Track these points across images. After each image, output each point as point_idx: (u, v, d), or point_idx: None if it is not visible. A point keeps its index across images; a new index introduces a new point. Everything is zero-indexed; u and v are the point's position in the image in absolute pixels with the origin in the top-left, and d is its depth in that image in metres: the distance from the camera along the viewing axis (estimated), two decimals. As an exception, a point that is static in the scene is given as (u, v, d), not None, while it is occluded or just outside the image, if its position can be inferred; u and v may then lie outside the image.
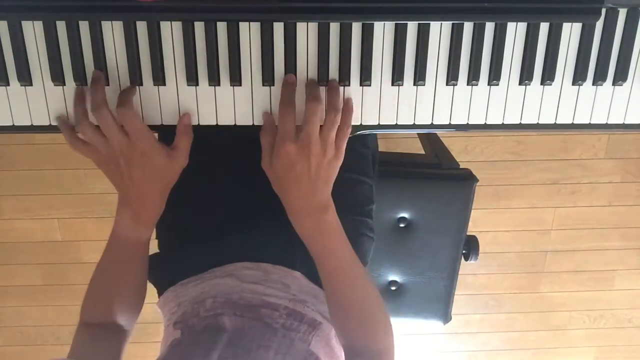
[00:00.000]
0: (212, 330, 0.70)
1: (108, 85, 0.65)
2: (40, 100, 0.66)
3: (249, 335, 0.68)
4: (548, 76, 0.66)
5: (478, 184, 1.10)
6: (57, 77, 0.64)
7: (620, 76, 0.67)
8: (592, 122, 0.70)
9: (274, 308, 0.74)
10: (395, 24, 0.64)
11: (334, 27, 0.64)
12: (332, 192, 0.68)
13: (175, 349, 0.69)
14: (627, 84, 0.68)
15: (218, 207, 0.87)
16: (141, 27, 0.63)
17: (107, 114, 0.62)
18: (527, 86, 0.67)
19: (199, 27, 0.63)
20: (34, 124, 0.67)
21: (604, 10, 0.64)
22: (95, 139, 0.63)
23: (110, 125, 0.62)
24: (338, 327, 0.73)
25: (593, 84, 0.68)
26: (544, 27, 0.65)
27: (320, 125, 0.64)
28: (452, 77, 0.66)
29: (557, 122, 0.69)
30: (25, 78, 0.64)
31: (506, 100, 0.68)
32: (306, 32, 0.64)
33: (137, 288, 0.76)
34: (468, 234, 1.14)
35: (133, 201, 0.67)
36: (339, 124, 0.64)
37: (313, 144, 0.62)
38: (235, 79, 0.65)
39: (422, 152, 1.35)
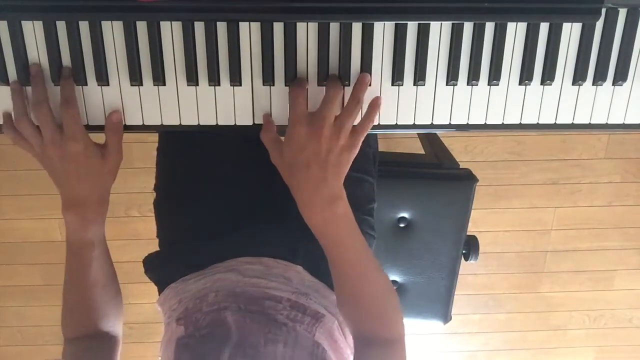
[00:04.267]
0: (217, 330, 0.69)
1: (108, 85, 0.65)
2: (40, 100, 0.66)
3: (254, 331, 0.68)
4: (548, 76, 0.66)
5: (478, 184, 1.10)
6: (58, 78, 0.64)
7: (620, 76, 0.67)
8: (592, 122, 0.70)
9: (277, 300, 0.74)
10: (395, 24, 0.64)
11: (334, 27, 0.64)
12: None
13: (182, 354, 0.68)
14: (627, 84, 0.68)
15: (218, 204, 0.88)
16: (141, 27, 0.63)
17: (46, 111, 0.62)
18: (527, 86, 0.67)
19: (199, 27, 0.63)
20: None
21: (604, 10, 0.64)
22: (30, 135, 0.64)
23: (47, 123, 0.62)
24: (349, 318, 0.72)
25: (593, 84, 0.68)
26: (544, 27, 0.65)
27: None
28: (452, 77, 0.66)
29: (557, 122, 0.69)
30: (25, 78, 0.64)
31: (506, 100, 0.68)
32: (306, 32, 0.64)
33: (108, 289, 0.75)
34: (468, 234, 1.15)
35: (74, 201, 0.67)
36: (356, 114, 0.63)
37: (325, 127, 0.61)
38: (235, 79, 0.65)
39: (422, 152, 1.35)
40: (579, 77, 0.67)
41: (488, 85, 0.67)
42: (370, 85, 0.66)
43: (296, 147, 0.63)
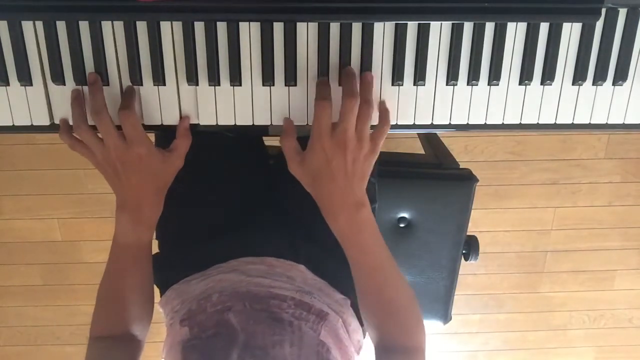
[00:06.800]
0: (223, 330, 0.69)
1: (108, 85, 0.65)
2: (40, 100, 0.66)
3: (259, 332, 0.68)
4: (548, 76, 0.66)
5: (478, 184, 1.10)
6: (57, 77, 0.64)
7: (620, 76, 0.67)
8: (592, 122, 0.70)
9: (282, 299, 0.74)
10: (395, 24, 0.64)
11: (334, 27, 0.64)
12: None
13: (190, 355, 0.68)
14: (627, 84, 0.68)
15: (218, 206, 0.88)
16: (141, 27, 0.63)
17: (107, 118, 0.62)
18: (527, 86, 0.67)
19: (199, 27, 0.63)
20: (34, 124, 0.67)
21: (604, 10, 0.64)
22: (92, 142, 0.64)
23: (109, 130, 0.62)
24: (371, 324, 0.72)
25: (593, 84, 0.68)
26: (544, 27, 0.65)
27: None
28: (452, 77, 0.66)
29: (557, 122, 0.69)
30: (25, 78, 0.64)
31: (506, 100, 0.68)
32: (306, 32, 0.64)
33: (145, 293, 0.75)
34: (468, 234, 1.14)
35: (130, 204, 0.67)
36: (371, 117, 0.63)
37: (349, 140, 0.62)
38: (235, 79, 0.65)
39: (422, 152, 1.35)
40: (579, 77, 0.67)
41: (488, 85, 0.67)
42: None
43: (321, 159, 0.63)
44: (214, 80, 0.65)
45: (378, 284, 0.69)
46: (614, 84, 0.68)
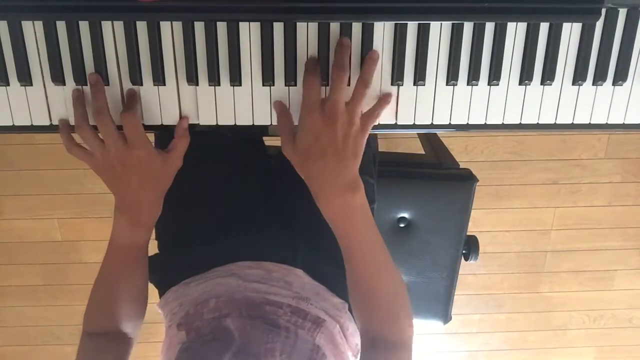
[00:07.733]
0: (220, 336, 0.69)
1: (108, 85, 0.65)
2: (40, 100, 0.66)
3: (254, 339, 0.68)
4: (548, 76, 0.66)
5: (478, 184, 1.10)
6: (57, 77, 0.64)
7: (620, 76, 0.67)
8: (592, 122, 0.70)
9: (278, 306, 0.74)
10: (395, 24, 0.64)
11: (334, 27, 0.64)
12: None
13: (182, 356, 0.68)
14: (627, 84, 0.68)
15: (218, 207, 0.88)
16: (141, 27, 0.63)
17: (109, 120, 0.63)
18: (527, 86, 0.67)
19: (199, 27, 0.63)
20: (34, 124, 0.67)
21: (604, 10, 0.64)
22: (93, 142, 0.64)
23: (110, 131, 0.63)
24: (359, 315, 0.72)
25: (593, 84, 0.68)
26: (544, 27, 0.65)
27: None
28: (452, 77, 0.66)
29: (557, 122, 0.69)
30: (25, 78, 0.64)
31: (506, 100, 0.68)
32: (306, 32, 0.64)
33: (139, 293, 0.76)
34: (468, 234, 1.14)
35: (130, 205, 0.67)
36: (366, 97, 0.62)
37: (339, 113, 0.60)
38: (235, 79, 0.65)
39: (422, 152, 1.35)
40: (579, 77, 0.67)
41: (488, 85, 0.67)
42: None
43: (311, 135, 0.62)
44: (214, 80, 0.65)
45: (371, 272, 0.68)
46: (614, 84, 0.68)
